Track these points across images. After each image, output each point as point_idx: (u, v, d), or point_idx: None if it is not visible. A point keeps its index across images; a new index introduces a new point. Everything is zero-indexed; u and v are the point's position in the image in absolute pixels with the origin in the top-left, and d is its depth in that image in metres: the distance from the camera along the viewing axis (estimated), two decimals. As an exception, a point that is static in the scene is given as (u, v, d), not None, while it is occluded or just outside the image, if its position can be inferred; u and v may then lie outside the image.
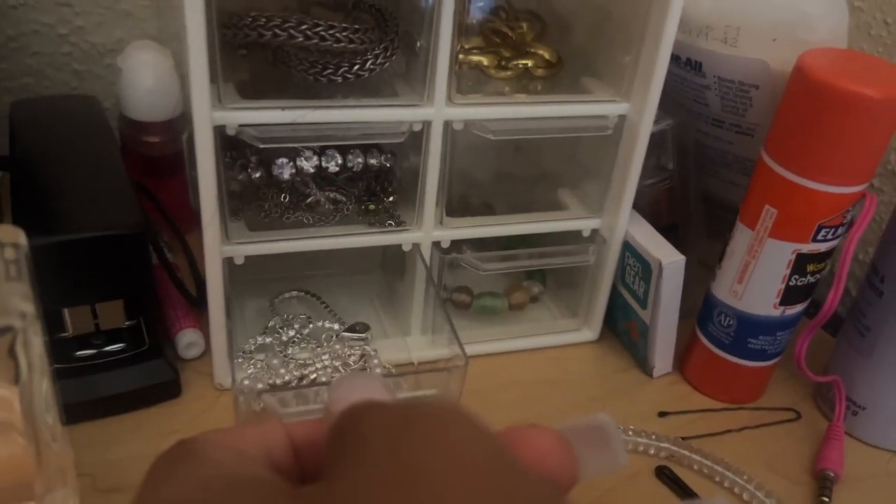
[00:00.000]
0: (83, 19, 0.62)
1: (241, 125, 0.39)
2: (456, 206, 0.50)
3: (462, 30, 0.41)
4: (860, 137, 0.40)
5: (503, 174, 0.56)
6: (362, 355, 0.47)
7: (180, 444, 0.18)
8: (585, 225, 0.50)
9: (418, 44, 0.42)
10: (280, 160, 0.43)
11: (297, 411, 0.39)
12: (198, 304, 0.49)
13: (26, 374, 0.30)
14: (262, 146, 0.40)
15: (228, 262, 0.43)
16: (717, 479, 0.45)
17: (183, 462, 0.17)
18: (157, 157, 0.56)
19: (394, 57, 0.42)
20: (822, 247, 0.44)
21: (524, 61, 0.47)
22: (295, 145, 0.42)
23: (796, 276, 0.45)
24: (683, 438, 0.46)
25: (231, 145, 0.42)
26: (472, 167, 0.54)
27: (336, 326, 0.49)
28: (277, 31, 0.39)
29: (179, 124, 0.56)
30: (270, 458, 0.20)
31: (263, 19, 0.39)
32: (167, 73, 0.54)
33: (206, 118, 0.37)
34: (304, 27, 0.39)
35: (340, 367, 0.46)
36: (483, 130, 0.43)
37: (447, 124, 0.43)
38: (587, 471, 0.19)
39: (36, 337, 0.33)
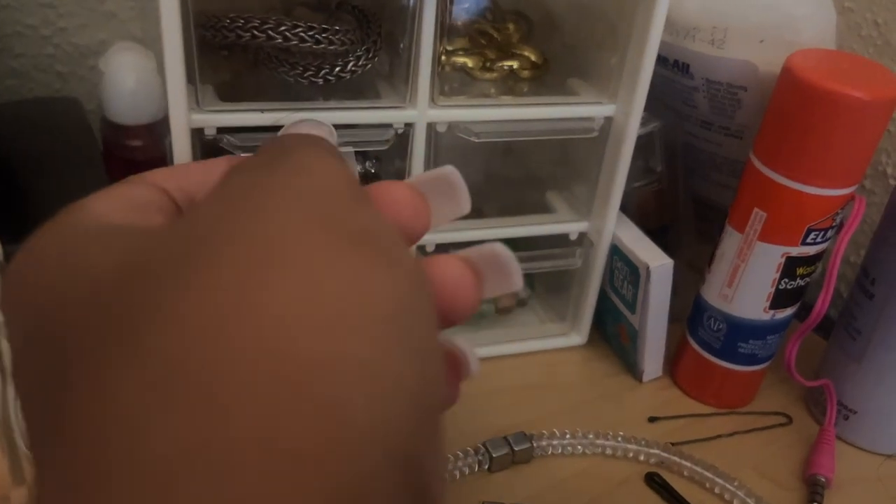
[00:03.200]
0: (66, 21, 0.62)
1: (219, 128, 0.38)
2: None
3: (445, 30, 0.41)
4: (849, 139, 0.40)
5: (493, 177, 0.56)
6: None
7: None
8: (573, 228, 0.50)
9: (401, 45, 0.41)
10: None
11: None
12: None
13: (0, 383, 0.30)
14: (242, 154, 0.39)
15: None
16: (708, 485, 0.44)
17: (70, 210, 0.18)
18: (140, 160, 0.55)
19: (376, 58, 0.42)
20: (812, 250, 0.44)
21: (509, 63, 0.46)
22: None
23: (786, 280, 0.45)
24: (673, 444, 0.46)
25: (216, 154, 0.42)
26: (462, 169, 0.53)
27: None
28: (256, 32, 0.39)
29: (162, 128, 0.55)
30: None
31: (242, 20, 0.38)
32: (150, 75, 0.54)
33: (184, 121, 0.37)
34: (283, 28, 0.39)
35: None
36: (467, 133, 0.43)
37: (430, 126, 0.42)
38: (438, 220, 0.21)
39: (8, 343, 0.32)
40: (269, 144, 0.18)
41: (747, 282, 0.45)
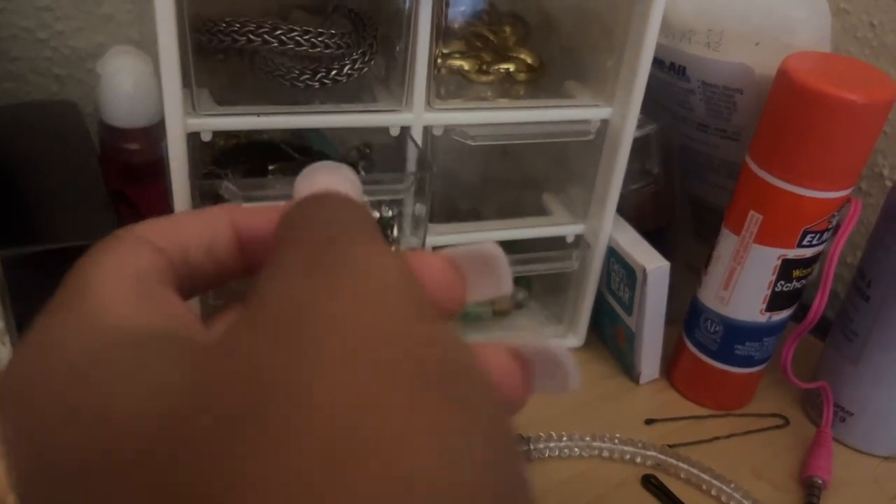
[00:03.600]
0: (63, 24, 0.62)
1: (215, 132, 0.38)
2: (442, 211, 0.50)
3: (441, 33, 0.41)
4: (844, 142, 0.40)
5: (490, 179, 0.56)
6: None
7: (84, 262, 0.17)
8: (569, 230, 0.50)
9: (397, 48, 0.41)
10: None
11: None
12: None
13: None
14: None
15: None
16: (705, 487, 0.44)
17: (75, 297, 0.16)
18: (137, 164, 0.55)
19: (372, 62, 0.42)
20: (808, 252, 0.44)
21: (506, 65, 0.46)
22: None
23: (782, 282, 0.45)
24: (670, 446, 0.46)
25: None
26: (460, 172, 0.53)
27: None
28: (252, 36, 0.39)
29: (159, 131, 0.55)
30: (210, 250, 0.19)
31: (238, 24, 0.38)
32: (147, 78, 0.54)
33: (180, 125, 0.37)
34: (279, 32, 0.39)
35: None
36: (463, 136, 0.43)
37: (426, 129, 0.42)
38: (474, 296, 0.20)
39: (5, 349, 0.32)
40: (304, 227, 0.16)
41: (744, 284, 0.45)
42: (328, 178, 0.19)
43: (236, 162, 0.44)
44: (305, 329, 0.13)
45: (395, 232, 0.45)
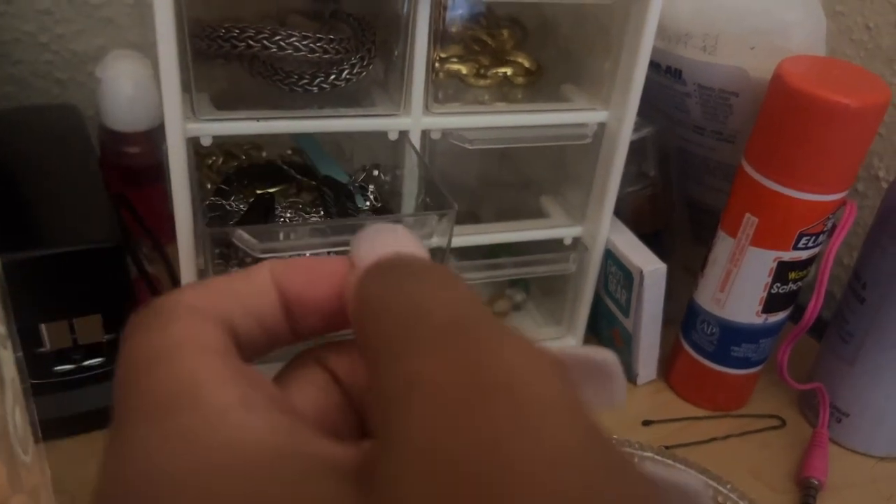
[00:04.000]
0: (64, 27, 0.62)
1: (215, 137, 0.39)
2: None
3: (439, 38, 0.41)
4: (839, 145, 0.40)
5: (488, 182, 0.56)
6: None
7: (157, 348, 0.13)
8: (567, 233, 0.50)
9: (396, 53, 0.42)
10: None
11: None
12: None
13: (-4, 392, 0.30)
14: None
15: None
16: (701, 487, 0.44)
17: (171, 413, 0.13)
18: (137, 167, 0.56)
19: (371, 66, 0.42)
20: (804, 254, 0.44)
21: (503, 69, 0.46)
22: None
23: (778, 284, 0.45)
24: (668, 447, 0.46)
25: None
26: (458, 175, 0.54)
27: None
28: (251, 41, 0.39)
29: (159, 134, 0.55)
30: (259, 321, 0.16)
31: (237, 30, 0.39)
32: (147, 82, 0.54)
33: (179, 130, 0.37)
34: (278, 38, 0.39)
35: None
36: (461, 140, 0.43)
37: (425, 133, 0.42)
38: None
39: (7, 353, 0.32)
40: (413, 316, 0.13)
41: (740, 286, 0.46)
42: (393, 239, 0.16)
43: (239, 185, 0.44)
44: (487, 489, 0.11)
45: None
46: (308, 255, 0.37)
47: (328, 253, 0.37)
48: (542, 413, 0.12)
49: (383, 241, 0.17)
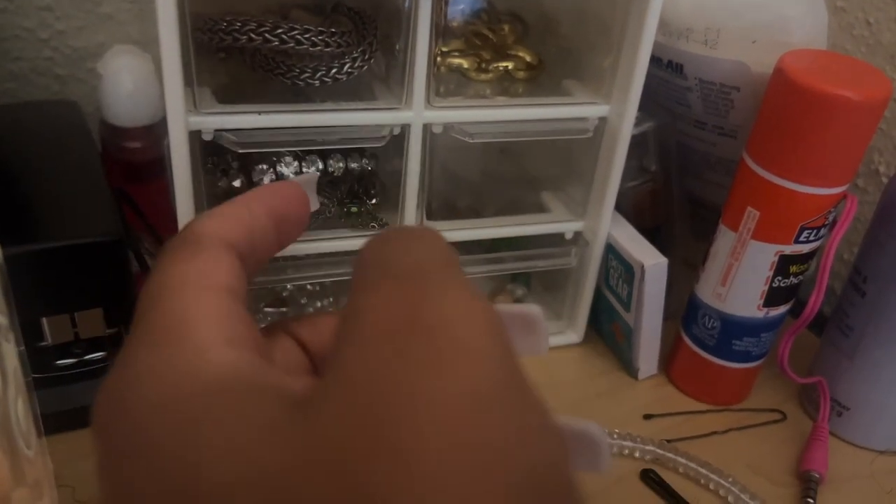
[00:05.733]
0: (64, 23, 0.62)
1: (217, 130, 0.39)
2: (441, 208, 0.50)
3: (440, 32, 0.41)
4: (840, 139, 0.40)
5: (490, 176, 0.56)
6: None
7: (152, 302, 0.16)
8: (568, 227, 0.50)
9: (397, 47, 0.42)
10: (260, 166, 0.43)
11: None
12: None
13: (0, 385, 0.30)
14: (240, 151, 0.40)
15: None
16: (702, 481, 0.44)
17: (169, 327, 0.15)
18: (138, 162, 0.56)
19: (372, 60, 0.42)
20: (805, 248, 0.44)
21: (504, 64, 0.46)
22: (275, 150, 0.42)
23: (779, 278, 0.45)
24: (668, 441, 0.46)
25: (213, 151, 0.42)
26: (460, 169, 0.54)
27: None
28: (253, 35, 0.39)
29: (161, 129, 0.55)
30: (265, 237, 0.19)
31: (238, 23, 0.39)
32: (147, 77, 0.54)
33: (181, 123, 0.37)
34: (279, 31, 0.39)
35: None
36: (462, 134, 0.43)
37: (426, 127, 0.42)
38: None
39: (9, 346, 0.32)
40: (389, 266, 0.15)
41: (741, 280, 0.46)
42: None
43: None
44: (397, 421, 0.12)
45: None
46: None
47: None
48: (461, 356, 0.13)
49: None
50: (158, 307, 0.16)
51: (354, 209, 0.46)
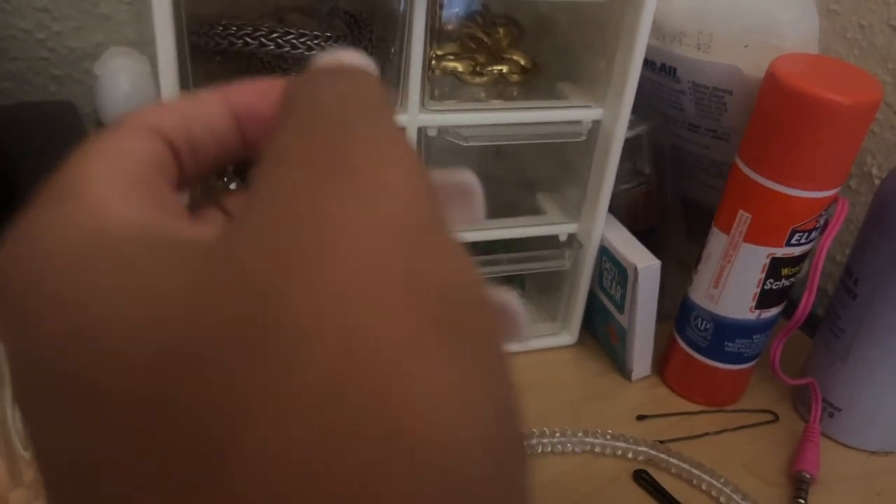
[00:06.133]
0: (61, 24, 0.62)
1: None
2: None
3: (435, 35, 0.41)
4: (831, 143, 0.41)
5: (484, 178, 0.56)
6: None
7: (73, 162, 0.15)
8: (562, 230, 0.50)
9: (392, 50, 0.42)
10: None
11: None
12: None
13: (-5, 385, 0.30)
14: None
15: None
16: (695, 482, 0.45)
17: (67, 188, 0.15)
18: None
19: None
20: (797, 251, 0.45)
21: (499, 67, 0.47)
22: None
23: (771, 280, 0.45)
24: (661, 442, 0.47)
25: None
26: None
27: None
28: (248, 39, 0.39)
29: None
30: (213, 131, 0.18)
31: (234, 27, 0.39)
32: (144, 79, 0.54)
33: (178, 127, 0.37)
34: (275, 35, 0.39)
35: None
36: (456, 136, 0.43)
37: (421, 130, 0.43)
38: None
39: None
40: (313, 103, 0.15)
41: (733, 282, 0.46)
42: (347, 56, 0.18)
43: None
44: (310, 241, 0.12)
45: None
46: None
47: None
48: (384, 192, 0.13)
49: (335, 56, 0.18)
50: (60, 172, 0.15)
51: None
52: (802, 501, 0.44)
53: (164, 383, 0.11)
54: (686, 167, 0.54)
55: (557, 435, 0.46)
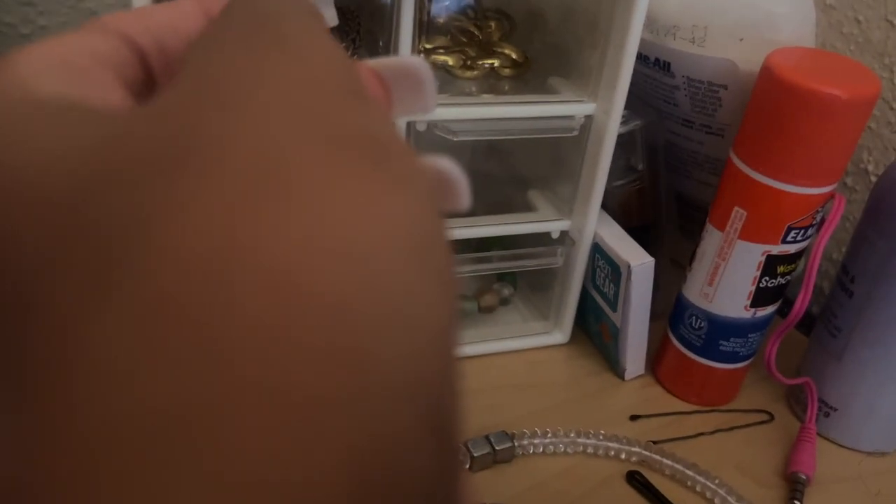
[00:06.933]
0: (47, 19, 0.61)
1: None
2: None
3: (424, 28, 0.41)
4: (828, 138, 0.40)
5: (475, 175, 0.55)
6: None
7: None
8: (555, 227, 0.50)
9: (380, 43, 0.41)
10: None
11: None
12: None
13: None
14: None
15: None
16: (689, 483, 0.44)
17: None
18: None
19: (355, 57, 0.41)
20: (792, 248, 0.44)
21: (490, 61, 0.46)
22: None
23: (766, 278, 0.45)
24: (655, 442, 0.46)
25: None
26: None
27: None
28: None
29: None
30: (186, 36, 0.18)
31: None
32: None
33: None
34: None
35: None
36: (445, 131, 0.43)
37: (410, 125, 0.42)
38: (399, 112, 0.19)
39: None
40: (246, 4, 0.16)
41: (728, 280, 0.45)
42: None
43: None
44: (230, 85, 0.12)
45: None
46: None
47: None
48: (308, 61, 0.14)
49: None
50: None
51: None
52: (798, 503, 0.43)
53: (73, 202, 0.11)
54: (680, 163, 0.54)
55: (549, 435, 0.45)
